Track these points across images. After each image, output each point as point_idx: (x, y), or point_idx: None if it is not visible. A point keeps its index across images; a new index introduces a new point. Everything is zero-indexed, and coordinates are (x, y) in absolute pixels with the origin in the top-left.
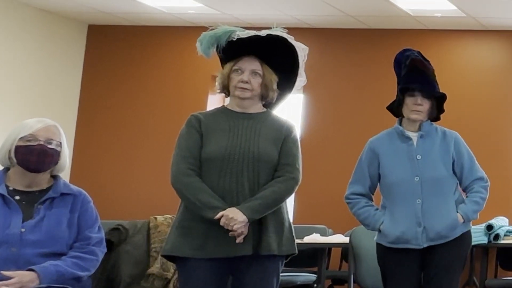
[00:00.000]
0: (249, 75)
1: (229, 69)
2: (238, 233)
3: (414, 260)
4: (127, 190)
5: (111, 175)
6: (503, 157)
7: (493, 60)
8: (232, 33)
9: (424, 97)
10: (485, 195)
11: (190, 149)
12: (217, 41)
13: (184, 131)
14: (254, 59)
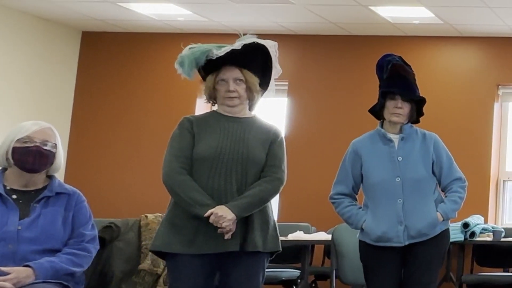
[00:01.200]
0: (234, 84)
1: (212, 81)
2: (226, 230)
3: (396, 257)
4: (119, 190)
5: (104, 176)
6: (479, 158)
7: (469, 65)
8: (209, 52)
9: (404, 101)
10: (463, 195)
11: (182, 149)
12: (196, 62)
13: (177, 132)
14: (234, 67)
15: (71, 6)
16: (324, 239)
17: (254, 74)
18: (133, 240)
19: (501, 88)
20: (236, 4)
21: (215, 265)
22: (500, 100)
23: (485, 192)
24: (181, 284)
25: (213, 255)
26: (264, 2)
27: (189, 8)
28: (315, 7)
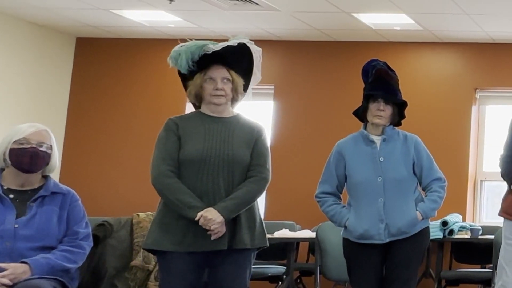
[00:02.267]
0: (221, 83)
1: (201, 79)
2: (215, 232)
3: (377, 254)
4: (112, 189)
5: (97, 176)
6: (458, 159)
7: (448, 69)
8: (204, 47)
9: (387, 104)
10: (442, 194)
11: (168, 151)
12: (192, 55)
13: (163, 134)
14: (222, 67)
15: (66, 13)
16: (308, 236)
17: (239, 75)
18: (126, 238)
19: (478, 91)
20: (225, 11)
21: (204, 262)
22: (478, 103)
23: (463, 191)
24: (171, 280)
25: (202, 253)
26: (252, 9)
27: (179, 15)
28: (300, 14)
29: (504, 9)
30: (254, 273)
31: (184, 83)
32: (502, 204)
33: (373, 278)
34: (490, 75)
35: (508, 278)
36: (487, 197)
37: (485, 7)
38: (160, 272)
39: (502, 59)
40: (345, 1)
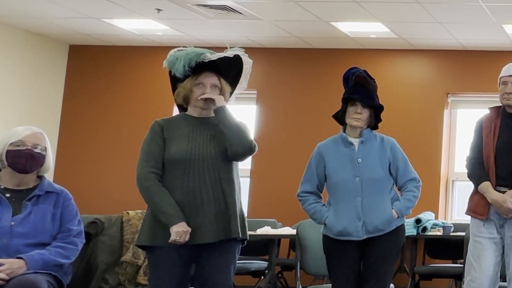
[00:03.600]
0: (210, 89)
1: (191, 83)
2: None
3: (355, 250)
4: (103, 189)
5: (89, 176)
6: (430, 160)
7: (421, 75)
8: (202, 55)
9: (364, 107)
10: (417, 194)
11: (152, 153)
12: (189, 62)
13: (148, 137)
14: (213, 74)
15: (59, 22)
16: (289, 233)
17: (227, 83)
18: (116, 235)
19: (450, 96)
20: (210, 20)
21: (191, 257)
22: (449, 107)
23: (436, 190)
24: (159, 274)
25: (189, 248)
26: (235, 18)
27: (166, 23)
28: (281, 23)
29: (474, 18)
30: (238, 268)
31: (173, 85)
32: (468, 203)
33: (351, 273)
34: (461, 80)
35: (476, 274)
36: (459, 196)
37: (456, 16)
38: (149, 266)
39: (472, 65)
40: (324, 11)
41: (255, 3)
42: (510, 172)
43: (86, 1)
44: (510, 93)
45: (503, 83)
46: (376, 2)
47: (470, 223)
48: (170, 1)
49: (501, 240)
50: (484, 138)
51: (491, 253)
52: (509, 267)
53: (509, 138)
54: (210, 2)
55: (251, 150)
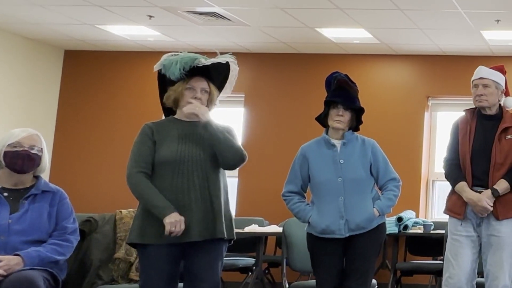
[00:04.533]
0: (200, 92)
1: (182, 87)
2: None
3: (338, 247)
4: (97, 188)
5: (84, 176)
6: (412, 160)
7: (403, 79)
8: (196, 60)
9: (345, 110)
10: (397, 193)
11: (142, 154)
12: (185, 65)
13: (138, 139)
14: (203, 79)
15: (55, 28)
16: (276, 231)
17: (215, 87)
18: (109, 232)
19: (430, 99)
20: (200, 26)
21: (180, 254)
22: (430, 110)
23: (417, 190)
24: (150, 270)
25: (178, 245)
26: (224, 24)
27: (158, 29)
28: (268, 29)
29: (453, 24)
30: (227, 265)
31: (162, 89)
32: (446, 203)
33: (334, 269)
34: (441, 84)
35: (454, 270)
36: (438, 195)
37: (436, 23)
38: (139, 263)
39: (451, 70)
40: (309, 17)
41: (243, 10)
42: (486, 172)
43: (81, 8)
44: (482, 95)
45: (475, 86)
46: (360, 9)
47: (448, 222)
48: (161, 8)
49: (478, 238)
50: (460, 139)
51: (469, 251)
52: (486, 264)
53: (484, 139)
54: (200, 9)
55: (242, 160)
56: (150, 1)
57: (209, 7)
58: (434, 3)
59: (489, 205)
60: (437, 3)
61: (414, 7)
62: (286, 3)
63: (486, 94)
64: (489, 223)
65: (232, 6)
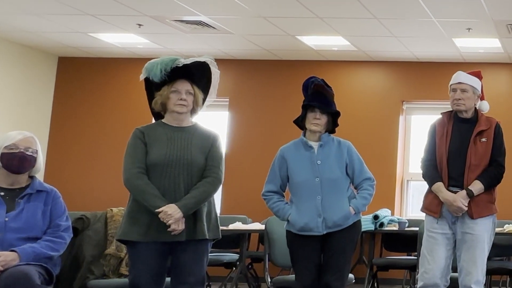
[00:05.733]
0: (185, 94)
1: (168, 91)
2: (173, 229)
3: (316, 244)
4: (89, 188)
5: (76, 176)
6: (387, 161)
7: (379, 84)
8: (176, 60)
9: (322, 113)
10: (372, 192)
11: (137, 156)
12: (165, 66)
13: (131, 142)
14: (186, 82)
15: (49, 36)
16: (258, 228)
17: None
18: (101, 230)
19: (405, 103)
20: (186, 34)
21: (167, 250)
22: (404, 114)
23: (392, 189)
24: (139, 266)
25: (165, 243)
26: (209, 32)
27: (146, 37)
28: (251, 37)
29: (427, 32)
30: (212, 260)
31: (150, 95)
32: (423, 202)
33: (313, 265)
34: (415, 89)
35: (429, 266)
36: (413, 194)
37: (411, 31)
38: (129, 259)
39: (425, 75)
40: (290, 25)
41: (227, 19)
42: (461, 173)
43: (74, 17)
44: (459, 99)
45: (453, 90)
46: (338, 18)
47: (425, 219)
48: (150, 17)
49: (453, 235)
50: (437, 141)
51: (443, 247)
52: (460, 260)
53: (460, 141)
54: (187, 18)
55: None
56: (140, 10)
57: (196, 16)
58: (409, 12)
59: (464, 205)
60: (411, 12)
61: (390, 16)
62: (268, 12)
63: (464, 98)
64: (463, 222)
65: (217, 15)
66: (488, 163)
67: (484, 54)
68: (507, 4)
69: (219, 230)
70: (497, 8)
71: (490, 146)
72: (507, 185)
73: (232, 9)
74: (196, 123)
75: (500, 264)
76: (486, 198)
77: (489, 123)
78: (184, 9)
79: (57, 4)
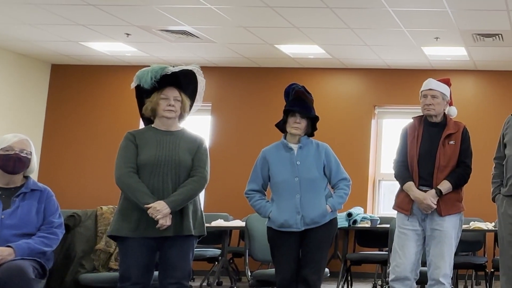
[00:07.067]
0: (173, 101)
1: (157, 97)
2: (161, 223)
3: (295, 240)
4: (80, 187)
5: (68, 176)
6: (360, 162)
7: (352, 90)
8: (166, 69)
9: (302, 118)
10: (347, 191)
11: (128, 157)
12: (155, 74)
13: (123, 144)
14: (174, 89)
15: (43, 44)
16: (239, 225)
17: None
18: (91, 226)
19: (376, 108)
20: (172, 43)
21: (155, 246)
22: (376, 118)
23: (365, 189)
24: (129, 260)
25: (153, 238)
26: (193, 41)
27: (134, 46)
28: (233, 45)
29: (397, 41)
30: (195, 255)
31: (140, 102)
32: (395, 200)
33: (292, 259)
34: (386, 94)
35: (401, 260)
36: (384, 193)
37: (382, 40)
38: (120, 253)
39: (396, 82)
40: (269, 35)
41: (210, 28)
42: (431, 173)
43: (66, 26)
44: (430, 104)
45: (424, 96)
46: (314, 28)
47: (396, 217)
48: (137, 27)
49: (422, 232)
50: (409, 144)
51: (414, 243)
52: (429, 255)
53: (430, 144)
54: (172, 28)
55: (204, 186)
56: (128, 20)
57: (180, 26)
58: (380, 22)
59: (433, 203)
60: (383, 22)
61: (363, 26)
62: (248, 23)
63: (434, 104)
64: (432, 219)
65: (201, 25)
66: (456, 164)
67: (451, 62)
68: (472, 15)
69: (204, 227)
70: (463, 18)
71: (458, 149)
72: (474, 185)
73: (214, 19)
74: (184, 128)
75: (466, 259)
76: (454, 197)
77: (457, 127)
78: (170, 19)
79: (50, 15)
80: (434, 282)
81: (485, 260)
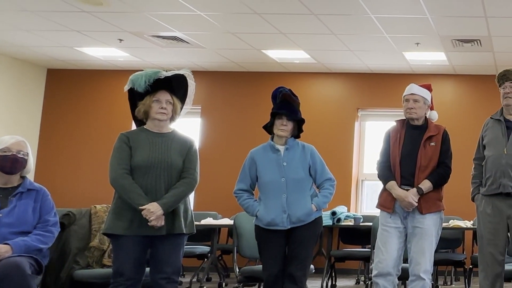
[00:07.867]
0: (166, 104)
1: (150, 100)
2: (153, 224)
3: (281, 237)
4: (75, 187)
5: (64, 176)
6: (344, 163)
7: (336, 93)
8: (159, 73)
9: (289, 120)
10: (332, 191)
11: (122, 158)
12: (149, 78)
13: (117, 145)
14: (166, 92)
15: (39, 50)
16: (228, 223)
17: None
18: (85, 224)
19: (360, 111)
20: (163, 49)
21: (147, 243)
22: (359, 120)
23: (348, 188)
24: (122, 257)
25: (145, 237)
26: (184, 47)
27: (127, 51)
28: (221, 51)
29: (379, 46)
30: (185, 252)
31: (132, 105)
32: (378, 199)
33: (278, 256)
34: (369, 97)
35: (383, 256)
36: (367, 193)
37: (365, 45)
38: (113, 250)
39: (378, 85)
40: (256, 40)
41: (200, 34)
42: (412, 173)
43: (61, 32)
44: (412, 108)
45: (406, 100)
46: (299, 34)
47: (379, 215)
48: (130, 33)
49: (404, 229)
50: (391, 145)
51: (396, 240)
52: (410, 251)
53: (412, 145)
54: (163, 33)
55: (194, 187)
56: (120, 26)
57: (171, 32)
58: (363, 28)
59: (414, 201)
60: (365, 28)
61: (346, 32)
62: (236, 29)
63: (416, 108)
64: (414, 217)
65: (191, 31)
66: (436, 165)
67: (431, 66)
68: (451, 21)
69: (194, 225)
70: (443, 24)
71: (438, 150)
72: (453, 185)
73: (203, 25)
74: (174, 130)
75: (446, 256)
76: (435, 195)
77: (438, 129)
78: (161, 25)
79: (46, 21)
80: (415, 278)
81: (464, 257)
